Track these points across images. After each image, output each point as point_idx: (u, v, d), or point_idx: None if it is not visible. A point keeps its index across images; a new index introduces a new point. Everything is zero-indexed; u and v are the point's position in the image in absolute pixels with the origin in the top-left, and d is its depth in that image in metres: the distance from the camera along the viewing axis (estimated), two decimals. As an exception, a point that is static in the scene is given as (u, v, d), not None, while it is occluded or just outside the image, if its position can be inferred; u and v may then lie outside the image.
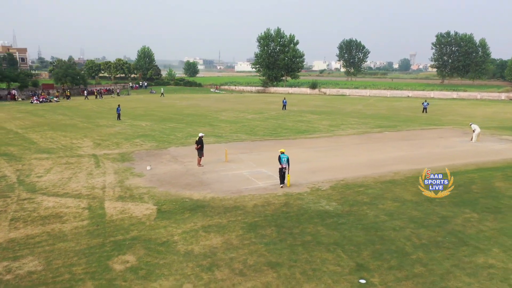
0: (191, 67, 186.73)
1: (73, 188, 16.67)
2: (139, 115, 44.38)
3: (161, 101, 63.59)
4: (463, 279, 9.79)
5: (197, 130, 32.69)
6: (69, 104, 59.94)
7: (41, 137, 29.27)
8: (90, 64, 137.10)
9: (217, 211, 14.14)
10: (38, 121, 39.14)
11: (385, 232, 12.47)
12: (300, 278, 9.84)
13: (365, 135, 30.38)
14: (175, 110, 49.25)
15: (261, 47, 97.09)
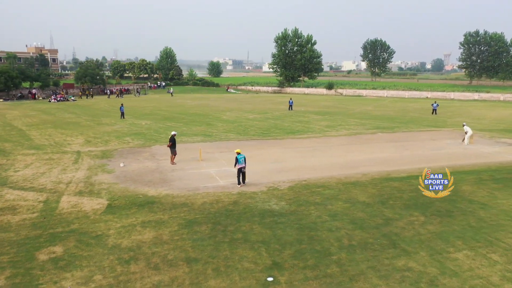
0: (215, 67, 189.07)
1: (41, 183, 17.42)
2: (144, 114, 45.41)
3: (173, 101, 64.75)
4: (372, 281, 9.71)
5: (191, 129, 33.25)
6: (85, 103, 61.97)
7: (40, 134, 30.52)
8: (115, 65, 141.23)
9: (164, 208, 14.47)
10: (46, 119, 40.75)
11: (318, 232, 12.45)
12: (210, 274, 10.02)
13: (355, 136, 30.02)
14: (181, 110, 50.09)
15: (278, 47, 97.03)
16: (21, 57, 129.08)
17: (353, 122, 38.44)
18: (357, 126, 35.41)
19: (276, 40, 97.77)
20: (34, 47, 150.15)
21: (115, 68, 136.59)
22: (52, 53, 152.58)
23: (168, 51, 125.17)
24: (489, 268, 10.29)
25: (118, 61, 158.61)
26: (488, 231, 12.59)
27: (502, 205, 14.96)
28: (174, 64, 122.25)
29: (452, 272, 10.13)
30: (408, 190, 16.67)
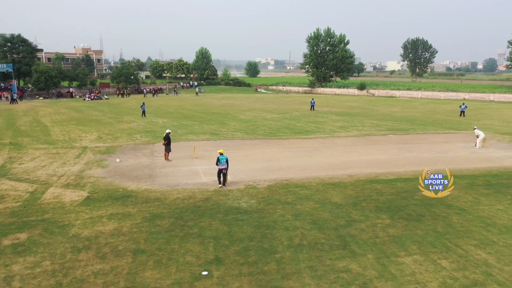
0: (252, 67, 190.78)
1: (37, 175, 18.60)
2: (167, 112, 46.77)
3: (200, 100, 66.11)
4: (305, 280, 9.72)
5: (203, 128, 33.95)
6: (116, 101, 64.59)
7: (60, 131, 32.34)
8: (154, 65, 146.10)
9: (136, 202, 15.06)
10: (73, 116, 43.02)
11: (273, 231, 12.53)
12: (150, 265, 10.41)
13: (364, 137, 29.46)
14: (204, 109, 51.08)
15: (310, 47, 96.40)
16: (69, 57, 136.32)
17: (369, 123, 37.65)
18: (372, 127, 34.66)
19: (308, 40, 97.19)
20: (81, 48, 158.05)
21: (154, 69, 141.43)
22: (97, 54, 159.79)
23: (203, 52, 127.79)
24: (432, 274, 9.98)
25: (158, 61, 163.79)
26: (451, 237, 12.14)
27: (482, 211, 14.31)
28: (209, 64, 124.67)
29: (391, 276, 9.91)
30: (388, 193, 16.30)
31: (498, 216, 13.85)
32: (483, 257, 10.89)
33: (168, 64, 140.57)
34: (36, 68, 68.57)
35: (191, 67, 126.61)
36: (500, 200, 15.55)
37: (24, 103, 59.23)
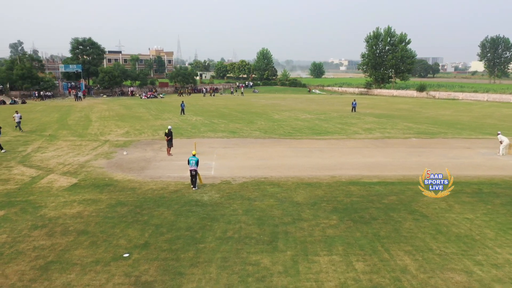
0: (317, 68, 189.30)
1: (48, 163, 20.92)
2: (207, 111, 48.69)
3: (246, 100, 67.52)
4: (210, 269, 10.26)
5: (228, 126, 35.08)
6: (169, 100, 68.24)
7: (98, 125, 35.41)
8: (219, 66, 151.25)
9: (113, 190, 16.48)
10: (121, 112, 46.55)
11: (215, 223, 13.14)
12: (84, 244, 11.60)
13: (381, 140, 28.55)
14: (244, 108, 52.28)
15: (368, 47, 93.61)
16: (143, 59, 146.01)
17: (402, 126, 36.14)
18: (400, 130, 33.32)
19: (367, 40, 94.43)
20: (155, 50, 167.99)
21: (219, 69, 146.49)
22: (168, 55, 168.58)
23: (264, 52, 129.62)
24: (337, 274, 9.98)
25: (222, 62, 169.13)
26: (388, 242, 11.85)
27: (445, 219, 13.63)
28: (270, 64, 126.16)
29: (294, 272, 10.09)
30: (357, 195, 16.04)
31: (459, 225, 13.11)
32: (405, 263, 10.56)
33: (231, 65, 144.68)
34: (101, 68, 74.78)
35: (252, 68, 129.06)
36: (476, 209, 14.60)
37: (87, 100, 64.98)
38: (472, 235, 12.32)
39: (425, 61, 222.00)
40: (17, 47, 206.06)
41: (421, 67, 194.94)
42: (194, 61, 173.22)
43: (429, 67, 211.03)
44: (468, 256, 11.00)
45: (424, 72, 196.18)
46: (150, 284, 9.51)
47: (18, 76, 64.43)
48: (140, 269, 10.18)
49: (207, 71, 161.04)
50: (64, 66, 74.40)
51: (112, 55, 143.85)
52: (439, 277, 9.90)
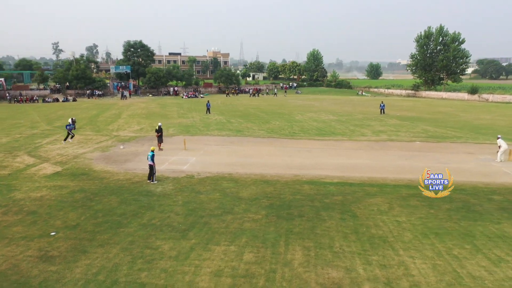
0: (373, 69, 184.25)
1: (49, 154, 23.37)
2: (234, 110, 50.13)
3: (279, 101, 68.07)
4: (112, 249, 11.36)
5: (241, 125, 36.13)
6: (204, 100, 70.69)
7: (123, 122, 38.19)
8: (271, 67, 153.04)
9: (85, 179, 18.23)
10: (153, 111, 49.47)
11: (148, 211, 14.26)
12: (26, 223, 13.23)
13: (378, 143, 27.94)
14: (271, 109, 52.99)
15: (418, 47, 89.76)
16: (200, 60, 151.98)
17: (418, 129, 34.85)
18: (411, 133, 32.24)
19: (417, 40, 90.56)
20: (212, 52, 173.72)
21: (271, 70, 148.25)
22: (224, 57, 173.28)
23: (314, 54, 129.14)
24: (221, 262, 10.65)
25: (274, 63, 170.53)
26: (295, 238, 12.24)
27: (373, 220, 13.64)
28: (320, 66, 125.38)
29: (184, 257, 10.92)
30: (304, 193, 16.34)
31: (382, 227, 13.07)
32: (294, 257, 10.94)
33: (283, 66, 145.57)
34: (148, 69, 79.28)
35: (302, 69, 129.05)
36: (415, 212, 14.34)
37: (132, 99, 69.38)
38: (387, 237, 12.26)
39: (497, 61, 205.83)
40: (92, 49, 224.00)
41: (493, 68, 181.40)
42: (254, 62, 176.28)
43: (501, 68, 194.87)
44: (364, 255, 11.07)
45: (496, 73, 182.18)
46: (52, 258, 10.82)
47: (73, 77, 70.44)
48: (54, 246, 11.54)
49: (260, 72, 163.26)
50: (115, 67, 79.93)
51: (172, 57, 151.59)
52: (315, 272, 10.17)
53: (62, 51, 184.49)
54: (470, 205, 15.07)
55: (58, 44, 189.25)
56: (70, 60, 79.85)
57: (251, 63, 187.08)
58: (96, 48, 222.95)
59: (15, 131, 32.24)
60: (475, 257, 11.07)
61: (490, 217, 13.89)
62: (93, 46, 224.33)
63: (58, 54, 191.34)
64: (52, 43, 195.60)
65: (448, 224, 13.26)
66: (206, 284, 9.58)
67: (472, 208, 14.83)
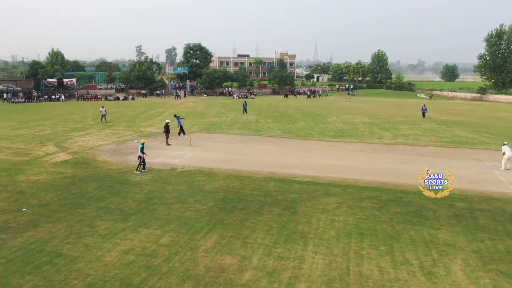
0: (449, 71, 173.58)
1: (71, 145, 26.42)
2: (272, 111, 51.20)
3: (328, 102, 67.58)
4: (58, 226, 13.21)
5: (264, 125, 37.17)
6: (256, 100, 72.37)
7: (161, 119, 41.13)
8: (335, 68, 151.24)
9: (83, 167, 20.62)
10: (195, 110, 52.28)
11: (113, 197, 15.99)
12: (11, 200, 15.68)
13: (387, 146, 27.28)
14: (310, 110, 53.10)
15: (488, 47, 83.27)
16: (266, 61, 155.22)
17: (447, 134, 33.14)
18: (435, 138, 30.85)
19: (487, 39, 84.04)
20: (279, 53, 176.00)
21: (335, 71, 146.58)
22: (290, 58, 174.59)
23: (379, 55, 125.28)
24: (134, 242, 11.93)
25: (339, 64, 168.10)
26: (218, 227, 13.09)
27: (310, 217, 14.01)
28: (384, 67, 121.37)
29: (109, 235, 12.40)
30: (264, 189, 17.02)
31: (312, 224, 13.44)
32: (199, 244, 11.88)
33: (347, 67, 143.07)
34: (204, 70, 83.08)
35: (366, 70, 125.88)
36: (357, 213, 14.43)
37: (186, 98, 73.33)
38: (308, 233, 12.65)
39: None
40: (171, 52, 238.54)
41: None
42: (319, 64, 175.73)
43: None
44: (271, 247, 11.66)
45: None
46: (8, 228, 12.91)
47: (135, 77, 76.30)
48: (16, 219, 13.66)
49: (325, 73, 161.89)
50: (173, 68, 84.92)
51: (239, 59, 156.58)
52: (212, 257, 11.03)
53: (144, 54, 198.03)
54: (423, 210, 14.71)
55: (141, 47, 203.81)
56: (134, 62, 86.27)
57: (317, 64, 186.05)
58: (174, 50, 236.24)
59: (61, 124, 36.40)
60: (381, 258, 11.10)
61: (434, 223, 13.54)
62: (171, 49, 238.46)
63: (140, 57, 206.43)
64: (135, 46, 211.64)
65: (381, 226, 13.21)
66: (110, 259, 10.91)
67: (423, 213, 14.47)
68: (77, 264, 10.58)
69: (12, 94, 64.92)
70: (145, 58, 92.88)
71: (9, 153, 23.82)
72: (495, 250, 11.57)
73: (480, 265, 10.73)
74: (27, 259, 10.87)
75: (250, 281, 9.84)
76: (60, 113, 47.62)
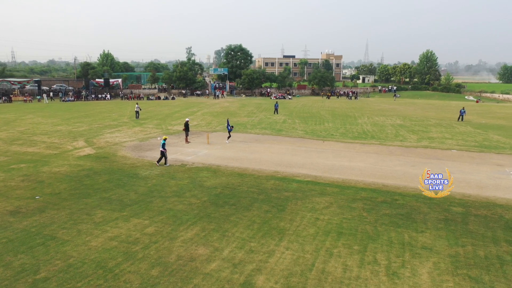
0: (508, 71, 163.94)
1: (100, 140, 28.27)
2: (302, 112, 51.31)
3: (364, 104, 66.34)
4: (60, 213, 14.58)
5: (291, 125, 37.53)
6: (292, 101, 72.55)
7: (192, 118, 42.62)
8: (381, 69, 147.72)
9: (102, 161, 22.10)
10: (229, 110, 53.48)
11: (118, 189, 17.14)
12: (28, 188, 17.36)
13: (403, 148, 26.70)
14: (343, 111, 52.58)
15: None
16: (311, 63, 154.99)
17: (478, 138, 31.76)
18: (460, 141, 29.75)
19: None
20: (326, 54, 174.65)
21: (381, 73, 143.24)
22: (336, 59, 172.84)
23: (428, 55, 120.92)
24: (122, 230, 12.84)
25: (386, 65, 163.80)
26: (201, 219, 13.82)
27: (296, 215, 14.30)
28: (433, 68, 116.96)
29: (99, 221, 13.47)
30: (262, 187, 17.42)
31: (295, 221, 13.70)
32: (178, 234, 12.62)
33: (393, 68, 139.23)
34: (244, 71, 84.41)
35: (413, 71, 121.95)
36: (346, 213, 14.49)
37: (224, 99, 74.94)
38: (287, 230, 12.96)
39: None
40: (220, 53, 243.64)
41: None
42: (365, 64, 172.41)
43: None
44: (246, 241, 12.13)
45: None
46: (18, 213, 14.33)
47: (176, 78, 79.12)
48: (28, 205, 15.10)
49: (371, 74, 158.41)
50: (214, 69, 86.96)
51: (284, 59, 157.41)
52: (187, 247, 11.69)
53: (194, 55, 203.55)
54: (413, 213, 14.52)
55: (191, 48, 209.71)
56: (177, 63, 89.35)
57: (363, 65, 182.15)
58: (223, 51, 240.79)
59: (98, 122, 38.82)
60: (350, 257, 11.23)
61: (420, 226, 13.38)
62: (220, 50, 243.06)
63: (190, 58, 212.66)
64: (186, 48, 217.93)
65: (363, 227, 13.25)
66: (95, 244, 11.90)
67: (413, 215, 14.30)
68: (65, 247, 11.62)
69: (64, 94, 69.62)
70: (187, 59, 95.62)
71: (42, 147, 25.95)
72: (473, 256, 11.29)
73: (451, 269, 10.55)
74: (24, 240, 12.08)
75: (213, 270, 10.37)
76: (101, 111, 50.57)
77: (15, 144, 27.02)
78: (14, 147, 26.00)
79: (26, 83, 73.00)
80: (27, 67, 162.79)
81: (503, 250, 11.64)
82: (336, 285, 9.75)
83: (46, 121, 39.21)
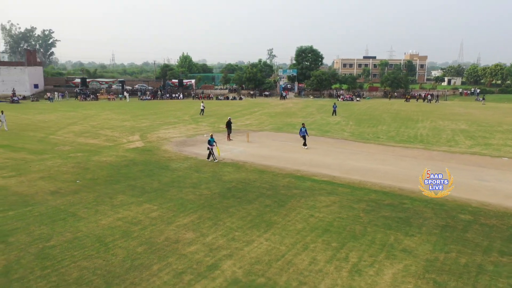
0: None
1: (152, 135, 30.95)
2: (363, 114, 50.27)
3: (437, 107, 62.68)
4: (87, 195, 16.93)
5: (342, 127, 37.44)
6: (359, 103, 71.00)
7: (247, 118, 44.44)
8: (470, 71, 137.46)
9: (146, 154, 24.43)
10: (288, 110, 54.26)
11: (145, 178, 19.11)
12: (74, 173, 20.18)
13: (448, 154, 25.42)
14: (407, 114, 50.29)
15: None
16: (393, 63, 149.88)
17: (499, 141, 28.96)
18: (501, 147, 27.50)
19: None
20: (409, 55, 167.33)
21: (469, 74, 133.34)
22: (420, 60, 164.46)
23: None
24: (132, 213, 14.59)
25: (475, 65, 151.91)
26: (206, 209, 15.12)
27: (293, 211, 14.90)
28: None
29: (117, 205, 15.41)
30: (273, 183, 18.27)
31: (288, 216, 14.24)
32: (176, 219, 13.97)
33: (483, 70, 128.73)
34: (313, 72, 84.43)
35: (506, 73, 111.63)
36: (343, 213, 14.67)
37: (291, 99, 75.83)
38: (277, 224, 13.56)
39: None
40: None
41: None
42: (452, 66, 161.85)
43: None
44: (233, 230, 13.05)
45: None
46: (57, 193, 16.83)
47: (245, 79, 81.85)
48: (66, 188, 17.60)
49: (459, 76, 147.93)
50: (283, 71, 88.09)
51: (364, 60, 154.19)
52: (177, 231, 12.98)
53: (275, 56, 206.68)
54: (414, 217, 14.25)
55: (272, 50, 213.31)
56: (247, 65, 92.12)
57: (450, 66, 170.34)
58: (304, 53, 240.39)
59: (161, 119, 42.18)
60: (323, 252, 11.63)
61: (412, 230, 13.18)
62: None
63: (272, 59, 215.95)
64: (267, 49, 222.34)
65: (352, 227, 13.41)
66: (104, 222, 13.72)
67: (412, 220, 14.06)
68: (79, 223, 13.58)
69: (142, 93, 75.96)
70: (259, 61, 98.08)
71: (103, 139, 29.26)
72: (452, 263, 11.00)
73: (420, 272, 10.47)
74: (51, 215, 14.31)
75: (190, 252, 11.49)
76: (170, 109, 54.49)
77: (83, 136, 30.76)
78: (81, 138, 29.64)
79: (112, 83, 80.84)
80: (120, 69, 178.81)
81: (489, 260, 11.12)
82: (294, 275, 10.26)
83: (117, 117, 43.53)
